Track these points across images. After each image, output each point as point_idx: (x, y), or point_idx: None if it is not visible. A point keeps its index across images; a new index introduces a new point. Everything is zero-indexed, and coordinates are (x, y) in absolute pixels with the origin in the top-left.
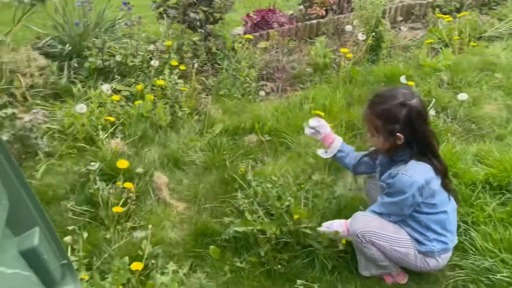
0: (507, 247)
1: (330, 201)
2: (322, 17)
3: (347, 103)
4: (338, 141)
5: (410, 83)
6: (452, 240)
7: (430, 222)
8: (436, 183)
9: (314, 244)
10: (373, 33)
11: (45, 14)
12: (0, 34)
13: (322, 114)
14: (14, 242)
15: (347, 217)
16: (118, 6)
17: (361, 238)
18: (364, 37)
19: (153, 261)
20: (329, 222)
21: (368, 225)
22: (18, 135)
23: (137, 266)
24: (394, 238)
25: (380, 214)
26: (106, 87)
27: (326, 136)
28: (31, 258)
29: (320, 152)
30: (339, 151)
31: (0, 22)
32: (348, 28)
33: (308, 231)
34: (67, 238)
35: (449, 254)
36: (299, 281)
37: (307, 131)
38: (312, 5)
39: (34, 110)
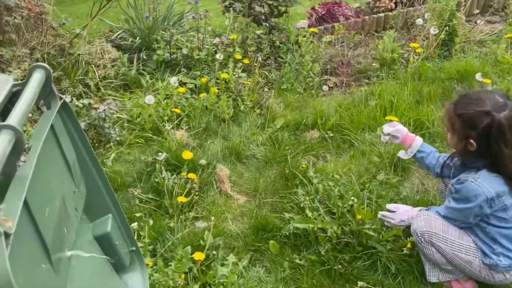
0: None
1: (395, 203)
2: (391, 10)
3: (415, 100)
4: (418, 141)
5: (486, 80)
6: None
7: (498, 235)
8: (510, 198)
9: (377, 246)
10: (446, 27)
11: (119, 8)
12: (78, 27)
13: (396, 119)
14: (89, 227)
15: None
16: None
17: (420, 237)
18: (436, 31)
19: (214, 252)
20: (394, 204)
21: (429, 225)
22: (93, 124)
23: (199, 256)
24: (456, 243)
25: (444, 217)
26: (173, 80)
27: (404, 138)
28: (103, 243)
29: (401, 153)
30: (419, 151)
31: (77, 15)
32: (419, 21)
33: (371, 232)
34: (134, 225)
35: None
36: (360, 283)
37: (383, 138)
38: None
39: (107, 101)
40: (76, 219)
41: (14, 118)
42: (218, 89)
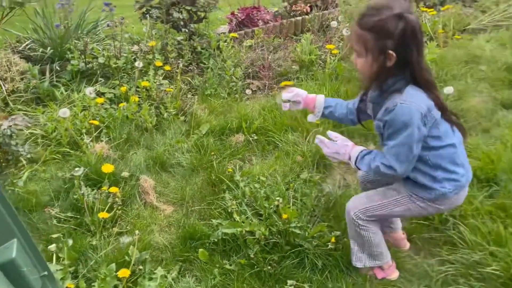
0: (496, 239)
1: (319, 199)
2: (307, 13)
3: None
4: (320, 98)
5: None
6: (465, 175)
7: (438, 159)
8: (437, 111)
9: (303, 243)
10: None
11: (25, 17)
12: None
13: (291, 82)
14: None
15: (337, 217)
16: (100, 7)
17: (357, 220)
18: (349, 33)
19: (140, 267)
20: (336, 134)
21: (355, 205)
22: None
23: (124, 273)
24: (384, 203)
25: (390, 167)
26: (89, 90)
27: (306, 101)
28: (9, 271)
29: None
30: (325, 107)
31: None
32: (334, 24)
33: (297, 230)
34: (52, 246)
35: (465, 191)
36: (289, 282)
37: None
38: (296, 1)
39: (13, 116)
40: None
41: None
42: (139, 97)
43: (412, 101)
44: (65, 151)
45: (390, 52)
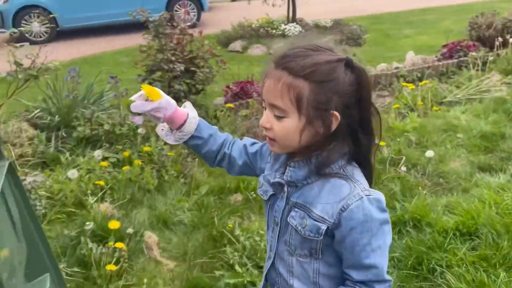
0: (479, 286)
1: None
2: None
3: None
4: (191, 122)
5: (382, 143)
6: None
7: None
8: None
9: None
10: None
11: (36, 88)
12: None
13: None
14: (27, 287)
15: None
16: (106, 80)
17: None
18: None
19: None
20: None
21: None
22: None
23: None
24: None
25: None
26: (97, 153)
27: (172, 116)
28: None
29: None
30: (192, 137)
31: None
32: None
33: None
34: None
35: None
36: None
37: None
38: None
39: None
40: (21, 272)
41: None
42: (142, 161)
43: (372, 189)
44: (70, 211)
45: (335, 112)
